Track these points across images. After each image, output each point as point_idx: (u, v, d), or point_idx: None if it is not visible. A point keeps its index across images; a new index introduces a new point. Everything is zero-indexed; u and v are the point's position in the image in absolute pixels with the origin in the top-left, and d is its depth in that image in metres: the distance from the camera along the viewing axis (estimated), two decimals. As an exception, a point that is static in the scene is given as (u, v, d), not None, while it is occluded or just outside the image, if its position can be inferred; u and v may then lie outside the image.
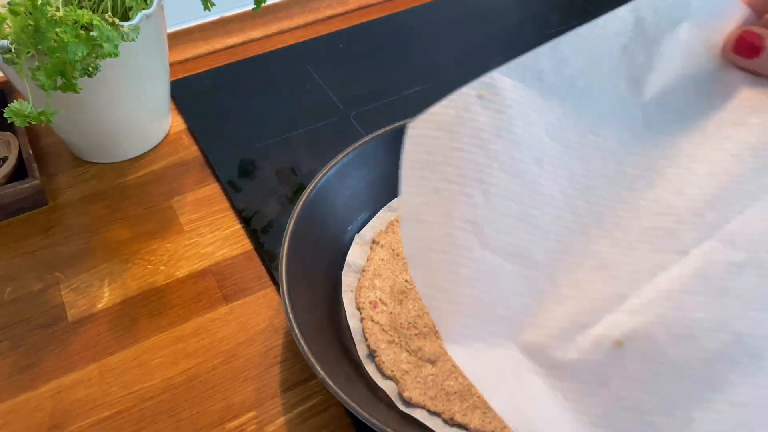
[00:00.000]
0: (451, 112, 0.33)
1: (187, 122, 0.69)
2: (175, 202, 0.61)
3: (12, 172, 0.60)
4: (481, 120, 0.33)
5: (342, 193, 0.53)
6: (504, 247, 0.32)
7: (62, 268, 0.55)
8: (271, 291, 0.53)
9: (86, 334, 0.51)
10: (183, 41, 0.78)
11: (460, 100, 0.34)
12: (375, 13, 0.83)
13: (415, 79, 0.73)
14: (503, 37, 0.79)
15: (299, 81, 0.73)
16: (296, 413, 0.46)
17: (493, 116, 0.33)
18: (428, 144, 0.32)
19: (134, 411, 0.46)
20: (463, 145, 0.32)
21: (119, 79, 0.57)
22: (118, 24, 0.52)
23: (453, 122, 0.33)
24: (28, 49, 0.48)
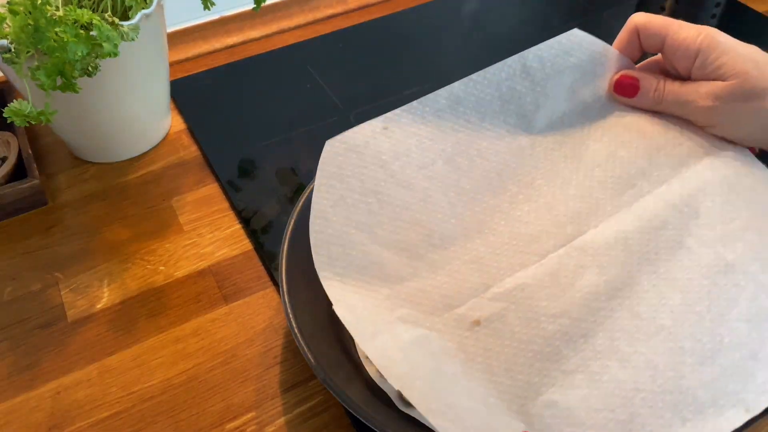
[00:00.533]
0: (360, 138, 0.42)
1: (187, 122, 0.69)
2: (174, 202, 0.61)
3: (11, 171, 0.60)
4: (384, 146, 0.42)
5: (342, 193, 0.53)
6: (393, 243, 0.41)
7: (62, 268, 0.55)
8: (271, 291, 0.53)
9: (86, 334, 0.51)
10: (183, 41, 0.78)
11: (369, 129, 0.42)
12: (375, 13, 0.83)
13: (415, 79, 0.72)
14: (503, 37, 0.79)
15: (299, 81, 0.73)
16: (296, 413, 0.46)
17: (393, 144, 0.42)
18: (339, 160, 0.41)
19: (134, 411, 0.46)
20: (366, 164, 0.41)
21: (119, 79, 0.57)
22: (118, 23, 0.52)
23: (361, 145, 0.42)
24: (28, 48, 0.48)
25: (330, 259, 0.40)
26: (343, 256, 0.40)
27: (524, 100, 0.45)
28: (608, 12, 0.82)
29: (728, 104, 0.42)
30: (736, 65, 0.42)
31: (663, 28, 0.44)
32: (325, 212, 0.41)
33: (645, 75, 0.46)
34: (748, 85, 0.42)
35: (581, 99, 0.46)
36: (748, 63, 0.42)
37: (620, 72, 0.46)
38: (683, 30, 0.44)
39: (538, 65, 0.45)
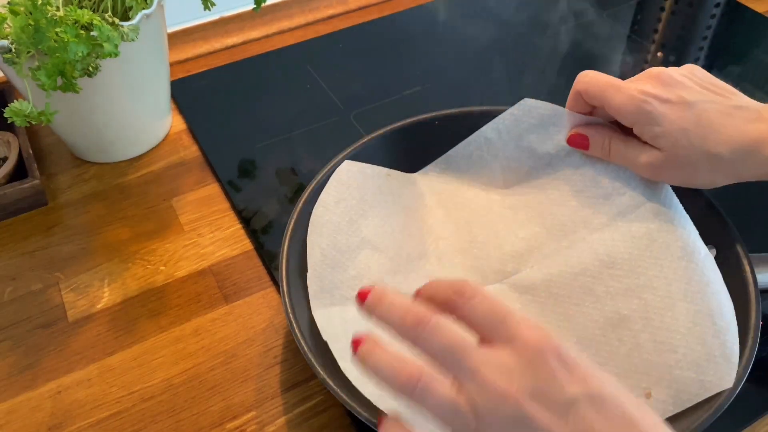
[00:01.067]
0: (369, 171, 0.52)
1: (187, 122, 0.69)
2: (174, 202, 0.61)
3: (12, 171, 0.60)
4: (383, 183, 0.53)
5: (342, 193, 0.53)
6: (376, 243, 0.50)
7: (62, 268, 0.55)
8: (271, 291, 0.53)
9: (86, 334, 0.51)
10: (183, 41, 0.78)
11: (377, 170, 0.53)
12: (375, 13, 0.83)
13: (415, 79, 0.73)
14: (503, 37, 0.79)
15: (299, 81, 0.73)
16: (296, 413, 0.46)
17: (393, 185, 0.53)
18: (349, 176, 0.51)
19: (134, 411, 0.46)
20: (368, 191, 0.52)
21: (119, 79, 0.57)
22: (118, 24, 0.52)
23: (370, 175, 0.52)
24: (28, 48, 0.48)
25: (320, 236, 0.48)
26: (330, 240, 0.48)
27: (492, 166, 0.54)
28: (608, 12, 0.82)
29: (665, 171, 0.45)
30: (668, 137, 0.43)
31: (599, 95, 0.46)
32: (326, 204, 0.49)
33: (595, 131, 0.49)
34: (679, 157, 0.44)
35: (545, 153, 0.52)
36: (679, 134, 0.43)
37: (572, 129, 0.50)
38: (617, 97, 0.45)
39: (496, 136, 0.54)
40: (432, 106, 0.58)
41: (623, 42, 0.78)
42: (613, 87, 0.45)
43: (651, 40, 0.77)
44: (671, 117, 0.43)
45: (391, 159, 0.55)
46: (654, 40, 0.77)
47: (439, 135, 0.57)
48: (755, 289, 0.44)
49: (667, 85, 0.44)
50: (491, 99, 0.67)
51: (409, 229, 0.52)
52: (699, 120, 0.43)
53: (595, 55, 0.78)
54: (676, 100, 0.43)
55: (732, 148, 0.42)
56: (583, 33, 0.80)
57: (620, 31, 0.79)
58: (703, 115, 0.43)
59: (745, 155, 0.42)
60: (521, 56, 0.77)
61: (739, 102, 0.43)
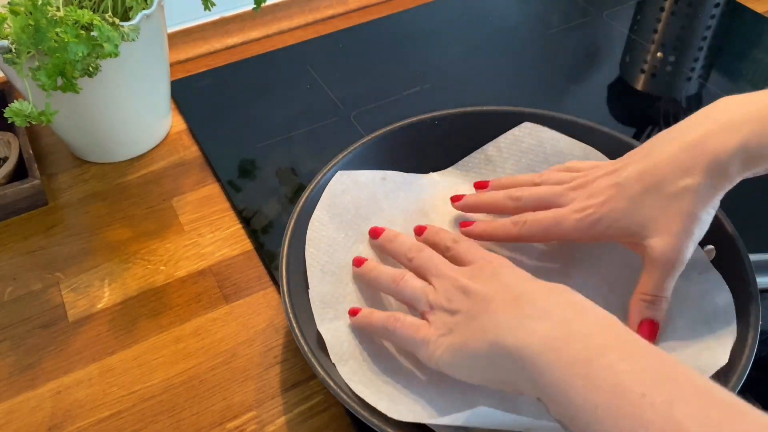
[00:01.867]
0: (363, 179, 0.53)
1: (187, 122, 0.69)
2: (175, 202, 0.61)
3: (12, 172, 0.60)
4: (379, 189, 0.54)
5: (342, 193, 0.53)
6: (373, 254, 0.51)
7: (62, 268, 0.55)
8: (271, 291, 0.53)
9: (86, 334, 0.51)
10: (183, 41, 0.78)
11: (371, 175, 0.54)
12: (375, 13, 0.83)
13: (415, 79, 0.73)
14: (503, 37, 0.79)
15: (299, 81, 0.73)
16: (296, 413, 0.46)
17: (389, 188, 0.54)
18: (343, 188, 0.52)
19: (134, 411, 0.46)
20: (363, 202, 0.52)
21: (119, 79, 0.57)
22: (119, 24, 0.52)
23: (364, 183, 0.53)
24: (29, 49, 0.48)
25: (317, 251, 0.49)
26: (326, 251, 0.49)
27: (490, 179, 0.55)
28: (608, 12, 0.82)
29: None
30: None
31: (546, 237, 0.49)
32: (322, 219, 0.50)
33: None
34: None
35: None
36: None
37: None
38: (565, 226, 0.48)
39: (497, 153, 0.56)
40: (432, 106, 0.58)
41: (623, 42, 0.78)
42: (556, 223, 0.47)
43: (651, 40, 0.77)
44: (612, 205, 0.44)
45: (390, 159, 0.55)
46: (654, 40, 0.77)
47: (439, 135, 0.57)
48: (755, 289, 0.44)
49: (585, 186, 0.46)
50: (491, 99, 0.67)
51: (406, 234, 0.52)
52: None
53: (595, 55, 0.78)
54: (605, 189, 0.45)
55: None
56: (584, 33, 0.80)
57: (620, 31, 0.79)
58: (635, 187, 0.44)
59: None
60: (521, 56, 0.77)
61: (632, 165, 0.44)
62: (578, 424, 0.30)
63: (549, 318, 0.34)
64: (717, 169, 0.40)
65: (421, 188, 0.55)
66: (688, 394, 0.28)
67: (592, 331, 0.33)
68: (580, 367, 0.31)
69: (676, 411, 0.27)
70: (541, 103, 0.59)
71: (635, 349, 0.31)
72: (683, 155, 0.41)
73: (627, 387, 0.29)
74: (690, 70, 0.74)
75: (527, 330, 0.34)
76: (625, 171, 0.44)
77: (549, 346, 0.33)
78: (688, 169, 0.41)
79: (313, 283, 0.47)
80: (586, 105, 0.70)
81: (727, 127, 0.40)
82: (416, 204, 0.54)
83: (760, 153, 0.40)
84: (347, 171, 0.53)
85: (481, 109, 0.57)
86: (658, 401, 0.28)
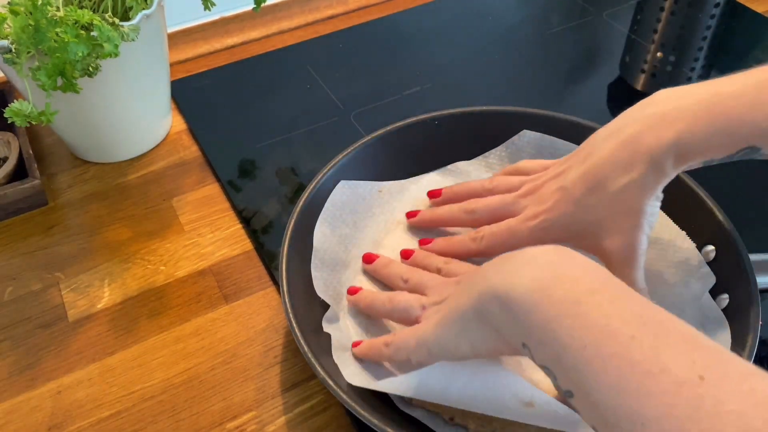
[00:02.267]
0: (361, 191, 0.54)
1: (187, 122, 0.69)
2: (175, 202, 0.61)
3: (12, 172, 0.60)
4: (376, 204, 0.55)
5: (342, 193, 0.53)
6: (357, 252, 0.52)
7: (62, 268, 0.55)
8: (271, 291, 0.53)
9: (86, 334, 0.51)
10: (183, 41, 0.78)
11: (368, 187, 0.55)
12: (375, 13, 0.83)
13: (415, 79, 0.73)
14: (503, 37, 0.79)
15: (299, 81, 0.73)
16: (296, 413, 0.46)
17: (384, 200, 0.55)
18: (343, 199, 0.53)
19: (134, 411, 0.46)
20: (360, 215, 0.54)
21: (119, 79, 0.57)
22: (119, 24, 0.52)
23: (361, 194, 0.54)
24: (29, 49, 0.48)
25: (321, 264, 0.49)
26: (329, 266, 0.50)
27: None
28: (608, 12, 0.82)
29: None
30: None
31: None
32: (325, 232, 0.51)
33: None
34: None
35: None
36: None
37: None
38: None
39: (497, 161, 0.57)
40: (432, 106, 0.58)
41: (623, 42, 0.78)
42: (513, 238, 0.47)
43: (651, 40, 0.77)
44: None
45: (390, 159, 0.55)
46: (654, 40, 0.77)
47: (439, 135, 0.57)
48: (755, 289, 0.44)
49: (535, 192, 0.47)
50: (491, 99, 0.67)
51: (397, 248, 0.52)
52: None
53: (595, 55, 0.78)
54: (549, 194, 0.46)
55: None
56: (584, 33, 0.80)
57: (620, 31, 0.79)
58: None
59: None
60: (521, 56, 0.77)
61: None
62: (564, 365, 0.30)
63: (536, 262, 0.34)
64: (653, 164, 0.41)
65: (419, 190, 0.56)
66: (674, 339, 0.28)
67: (580, 274, 0.32)
68: (568, 307, 0.31)
69: (663, 354, 0.27)
70: (541, 103, 0.59)
71: (623, 294, 0.31)
72: (621, 152, 0.42)
73: (616, 328, 0.29)
74: (690, 70, 0.74)
75: (515, 272, 0.34)
76: (570, 173, 0.44)
77: (537, 286, 0.32)
78: (627, 166, 0.41)
79: (319, 291, 0.47)
80: (586, 105, 0.70)
81: (661, 122, 0.41)
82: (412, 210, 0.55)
83: (692, 149, 0.40)
84: (348, 181, 0.53)
85: (481, 109, 0.57)
86: (646, 344, 0.28)
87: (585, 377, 0.29)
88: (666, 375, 0.27)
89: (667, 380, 0.26)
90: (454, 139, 0.57)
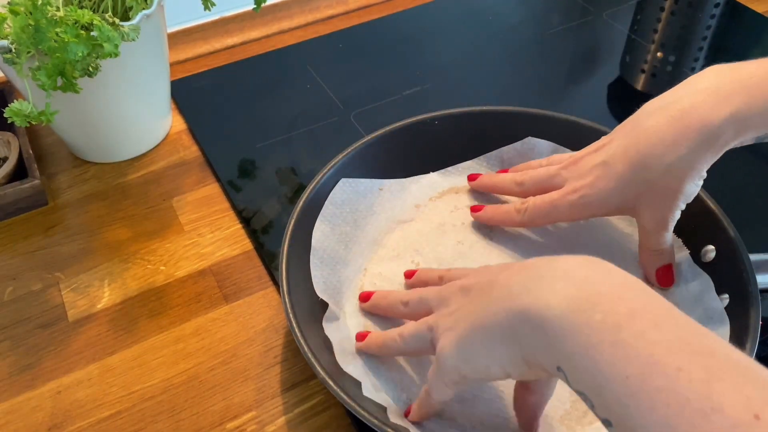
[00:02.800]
0: (362, 188, 0.54)
1: (187, 122, 0.69)
2: (175, 202, 0.61)
3: (12, 171, 0.60)
4: (376, 202, 0.55)
5: (342, 193, 0.53)
6: (369, 267, 0.52)
7: (62, 268, 0.55)
8: (271, 291, 0.53)
9: (86, 334, 0.51)
10: (183, 41, 0.78)
11: (370, 185, 0.55)
12: (375, 13, 0.83)
13: (415, 79, 0.73)
14: (503, 37, 0.79)
15: (299, 81, 0.73)
16: (296, 413, 0.46)
17: (384, 198, 0.55)
18: (343, 197, 0.53)
19: (134, 411, 0.46)
20: (360, 213, 0.54)
21: (119, 79, 0.57)
22: (119, 24, 0.52)
23: (362, 192, 0.54)
24: (29, 49, 0.48)
25: (321, 262, 0.49)
26: (329, 264, 0.50)
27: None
28: (608, 12, 0.82)
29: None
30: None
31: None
32: (324, 230, 0.51)
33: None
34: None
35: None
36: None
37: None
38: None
39: (498, 164, 0.58)
40: (432, 106, 0.58)
41: (623, 42, 0.78)
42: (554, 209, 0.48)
43: (651, 40, 0.77)
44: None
45: (390, 159, 0.55)
46: (654, 40, 0.77)
47: (439, 135, 0.57)
48: (755, 289, 0.44)
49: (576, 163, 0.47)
50: (491, 99, 0.67)
51: (398, 248, 0.53)
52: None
53: (595, 55, 0.78)
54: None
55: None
56: (584, 33, 0.80)
57: (620, 31, 0.79)
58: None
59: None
60: (521, 56, 0.77)
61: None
62: (606, 396, 0.28)
63: (570, 278, 0.31)
64: (705, 139, 0.40)
65: (419, 190, 0.56)
66: (726, 371, 0.26)
67: (618, 293, 0.30)
68: (608, 334, 0.28)
69: (715, 390, 0.25)
70: (541, 103, 0.59)
71: (666, 315, 0.29)
72: (669, 128, 0.41)
73: (661, 359, 0.27)
74: (690, 70, 0.74)
75: (547, 289, 0.31)
76: (611, 147, 0.45)
77: (573, 307, 0.30)
78: (673, 143, 0.41)
79: (318, 291, 0.47)
80: (586, 105, 0.70)
81: (717, 97, 0.40)
82: (409, 214, 0.55)
83: (750, 122, 0.40)
84: (349, 179, 0.53)
85: (481, 109, 0.57)
86: (696, 378, 0.26)
87: (629, 412, 0.27)
88: (719, 415, 0.25)
89: (721, 422, 0.24)
90: (454, 139, 0.57)
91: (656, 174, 0.42)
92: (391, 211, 0.55)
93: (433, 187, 0.56)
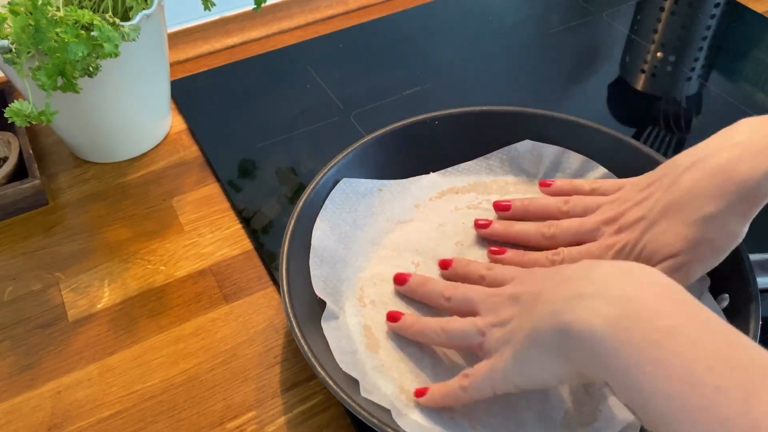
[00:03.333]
0: (361, 188, 0.55)
1: (187, 122, 0.69)
2: (175, 202, 0.61)
3: (12, 172, 0.60)
4: (376, 203, 0.55)
5: (342, 193, 0.53)
6: (368, 268, 0.51)
7: (62, 268, 0.55)
8: (271, 291, 0.53)
9: (86, 334, 0.51)
10: (183, 41, 0.78)
11: (370, 186, 0.55)
12: (375, 13, 0.83)
13: (415, 79, 0.73)
14: (503, 37, 0.79)
15: (299, 81, 0.73)
16: (296, 413, 0.46)
17: (384, 199, 0.55)
18: (343, 197, 0.53)
19: (134, 411, 0.46)
20: (359, 214, 0.54)
21: (119, 79, 0.57)
22: (119, 24, 0.52)
23: (362, 192, 0.54)
24: (29, 49, 0.48)
25: (320, 262, 0.49)
26: (329, 263, 0.50)
27: (487, 183, 0.57)
28: (608, 12, 0.82)
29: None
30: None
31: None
32: (324, 229, 0.51)
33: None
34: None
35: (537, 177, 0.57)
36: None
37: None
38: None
39: (498, 164, 0.58)
40: (432, 106, 0.58)
41: (623, 42, 0.78)
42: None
43: (651, 40, 0.77)
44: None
45: (390, 159, 0.55)
46: (654, 40, 0.77)
47: (439, 135, 0.57)
48: (755, 289, 0.44)
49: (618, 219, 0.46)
50: (491, 99, 0.67)
51: (397, 248, 0.52)
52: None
53: (595, 55, 0.78)
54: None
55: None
56: (584, 33, 0.80)
57: (620, 31, 0.79)
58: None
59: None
60: (521, 56, 0.77)
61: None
62: (650, 413, 0.30)
63: (607, 295, 0.32)
64: (745, 195, 0.40)
65: (419, 190, 0.56)
66: (763, 386, 0.27)
67: (656, 308, 0.31)
68: (649, 352, 0.30)
69: (753, 409, 0.26)
70: (541, 103, 0.59)
71: (704, 328, 0.30)
72: (707, 182, 0.41)
73: (699, 378, 0.28)
74: (690, 70, 0.74)
75: (587, 308, 0.32)
76: (651, 202, 0.44)
77: (615, 327, 0.31)
78: (712, 197, 0.41)
79: (318, 290, 0.47)
80: (586, 105, 0.70)
81: (754, 152, 0.40)
82: (408, 215, 0.55)
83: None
84: (349, 179, 0.53)
85: (481, 109, 0.57)
86: (734, 397, 0.27)
87: (672, 428, 0.29)
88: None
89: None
90: (454, 139, 0.57)
91: (691, 223, 0.42)
92: (390, 211, 0.55)
93: (433, 188, 0.56)
